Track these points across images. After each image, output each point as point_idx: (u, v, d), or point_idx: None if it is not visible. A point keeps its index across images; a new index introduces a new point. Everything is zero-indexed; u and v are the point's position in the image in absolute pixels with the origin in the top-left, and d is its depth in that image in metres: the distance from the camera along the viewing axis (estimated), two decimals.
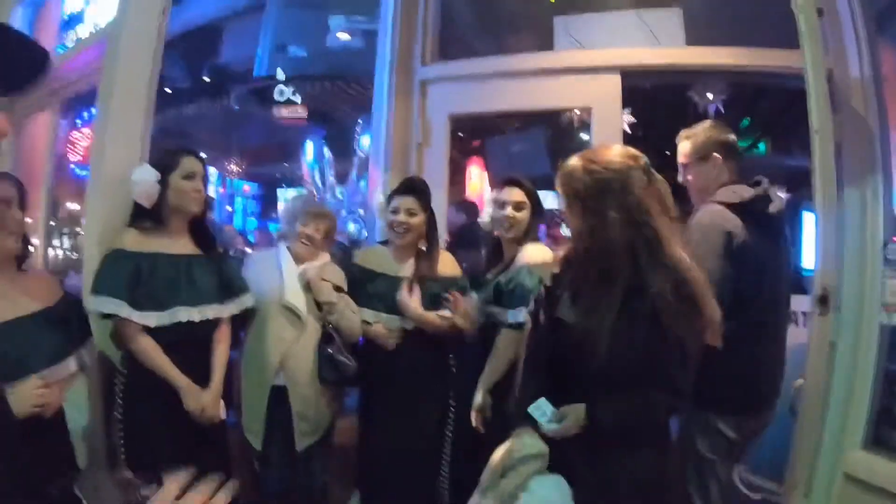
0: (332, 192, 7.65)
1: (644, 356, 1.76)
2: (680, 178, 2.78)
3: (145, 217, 2.48)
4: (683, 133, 2.80)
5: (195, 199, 2.51)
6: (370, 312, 2.91)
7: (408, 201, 2.94)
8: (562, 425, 1.81)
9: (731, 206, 2.49)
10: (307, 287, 2.84)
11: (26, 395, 1.87)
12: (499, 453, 1.85)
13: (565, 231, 3.09)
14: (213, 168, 11.86)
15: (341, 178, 7.82)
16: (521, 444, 1.82)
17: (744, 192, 2.55)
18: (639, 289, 1.78)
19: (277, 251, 2.99)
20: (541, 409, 1.83)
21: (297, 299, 2.82)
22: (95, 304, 2.32)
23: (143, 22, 2.93)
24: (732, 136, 2.75)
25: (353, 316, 2.86)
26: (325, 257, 2.98)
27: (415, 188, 3.01)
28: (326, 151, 7.84)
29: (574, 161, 1.94)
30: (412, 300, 2.87)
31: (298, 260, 2.91)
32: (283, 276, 2.86)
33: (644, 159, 1.90)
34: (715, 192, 2.59)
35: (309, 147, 7.84)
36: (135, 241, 2.43)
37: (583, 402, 1.82)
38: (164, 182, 2.46)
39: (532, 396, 1.87)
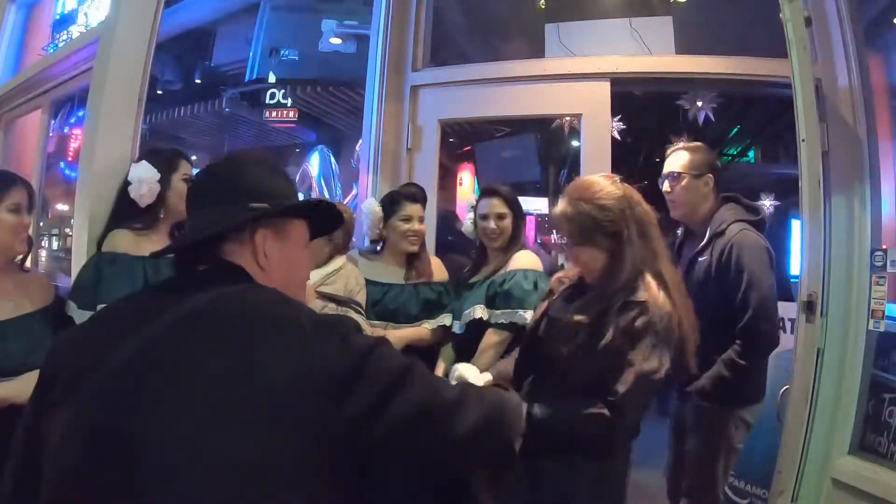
0: (340, 200, 7.70)
1: (597, 368, 1.79)
2: (666, 186, 2.85)
3: (133, 218, 2.40)
4: (681, 144, 2.88)
5: None
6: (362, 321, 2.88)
7: (418, 209, 2.96)
8: None
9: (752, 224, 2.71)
10: None
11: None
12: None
13: (556, 236, 3.07)
14: None
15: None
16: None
17: (755, 213, 2.78)
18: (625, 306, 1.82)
19: None
20: None
21: None
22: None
23: (135, 23, 2.92)
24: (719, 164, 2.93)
25: None
26: (335, 262, 2.82)
27: (420, 196, 3.02)
28: (333, 162, 7.84)
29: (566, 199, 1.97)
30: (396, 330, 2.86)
31: None
32: None
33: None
34: (707, 211, 2.79)
35: (314, 159, 7.80)
36: (129, 244, 2.32)
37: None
38: (164, 182, 2.41)
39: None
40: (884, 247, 2.54)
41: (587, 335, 1.82)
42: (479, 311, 2.75)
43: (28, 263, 2.33)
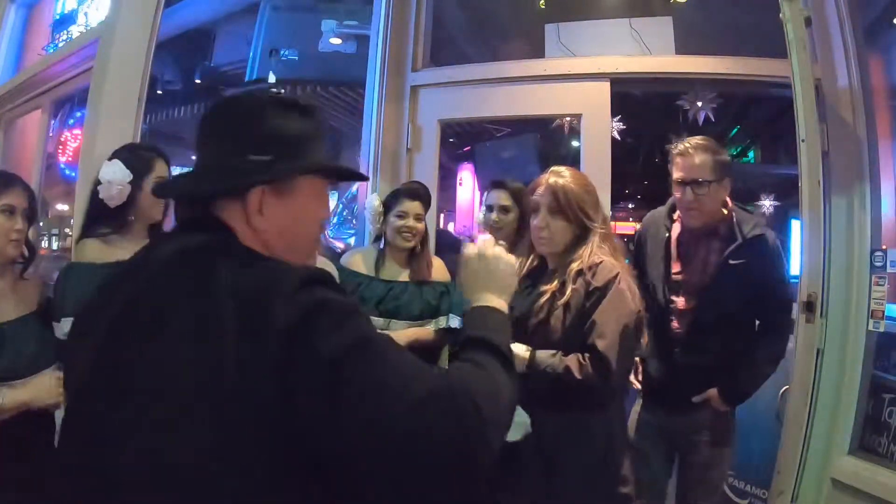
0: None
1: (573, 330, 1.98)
2: (688, 196, 2.47)
3: (102, 222, 2.29)
4: (696, 142, 2.51)
5: (164, 205, 2.33)
6: None
7: (416, 206, 2.95)
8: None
9: None
10: None
11: (50, 385, 1.89)
12: None
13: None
14: None
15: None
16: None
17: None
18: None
19: None
20: None
21: None
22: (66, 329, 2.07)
23: (135, 23, 2.93)
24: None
25: None
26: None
27: (420, 194, 3.01)
28: None
29: (569, 177, 2.16)
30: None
31: None
32: None
33: None
34: (720, 214, 2.52)
35: None
36: (97, 253, 2.20)
37: None
38: (136, 184, 2.27)
39: None
40: (884, 247, 2.54)
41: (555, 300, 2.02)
42: None
43: (30, 270, 2.27)
